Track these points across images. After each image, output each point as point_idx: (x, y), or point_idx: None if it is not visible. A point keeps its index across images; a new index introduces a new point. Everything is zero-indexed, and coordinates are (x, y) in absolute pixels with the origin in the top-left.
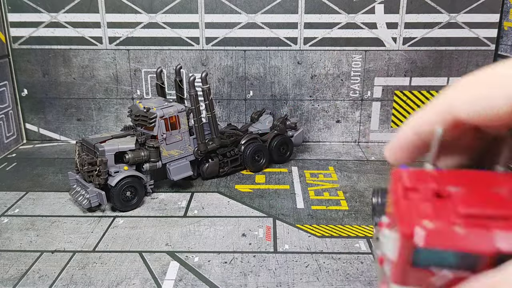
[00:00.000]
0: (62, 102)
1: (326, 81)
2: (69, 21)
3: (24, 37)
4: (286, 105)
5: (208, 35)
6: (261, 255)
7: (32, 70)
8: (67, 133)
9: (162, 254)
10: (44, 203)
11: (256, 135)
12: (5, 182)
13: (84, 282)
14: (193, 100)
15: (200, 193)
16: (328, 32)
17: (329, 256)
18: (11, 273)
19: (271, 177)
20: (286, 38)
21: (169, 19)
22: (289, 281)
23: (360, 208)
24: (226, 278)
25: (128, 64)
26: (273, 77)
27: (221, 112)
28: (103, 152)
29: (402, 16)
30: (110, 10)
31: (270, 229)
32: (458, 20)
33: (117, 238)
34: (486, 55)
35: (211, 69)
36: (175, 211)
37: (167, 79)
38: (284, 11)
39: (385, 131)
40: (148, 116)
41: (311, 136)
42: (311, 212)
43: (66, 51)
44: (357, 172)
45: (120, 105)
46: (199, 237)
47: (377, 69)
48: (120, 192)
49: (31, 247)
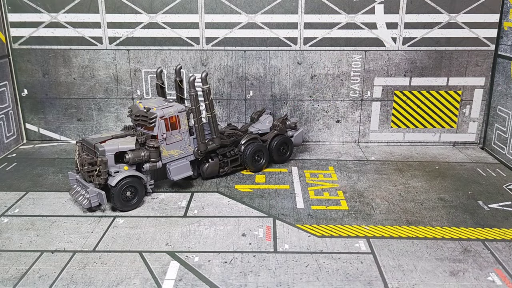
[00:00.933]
0: (62, 102)
1: (326, 81)
2: (69, 21)
3: (24, 37)
4: (286, 105)
5: (208, 35)
6: (261, 255)
7: (32, 70)
8: (67, 133)
9: (162, 254)
10: (44, 203)
11: (256, 135)
12: (5, 182)
13: (84, 282)
14: (193, 100)
15: (200, 193)
16: (328, 32)
17: (329, 256)
18: (11, 273)
19: (271, 177)
20: (286, 38)
21: (169, 19)
22: (289, 281)
23: (360, 208)
24: (226, 278)
25: (128, 64)
26: (273, 77)
27: (221, 112)
28: (103, 152)
29: (402, 16)
30: (110, 10)
31: (270, 229)
32: (458, 20)
33: (117, 238)
34: (486, 55)
35: (211, 69)
36: (175, 211)
37: (167, 79)
38: (284, 11)
39: (385, 131)
40: (148, 116)
41: (311, 136)
42: (311, 212)
43: (66, 51)
44: (357, 172)
45: (120, 105)
46: (199, 237)
47: (377, 69)
48: (120, 192)
49: (31, 247)
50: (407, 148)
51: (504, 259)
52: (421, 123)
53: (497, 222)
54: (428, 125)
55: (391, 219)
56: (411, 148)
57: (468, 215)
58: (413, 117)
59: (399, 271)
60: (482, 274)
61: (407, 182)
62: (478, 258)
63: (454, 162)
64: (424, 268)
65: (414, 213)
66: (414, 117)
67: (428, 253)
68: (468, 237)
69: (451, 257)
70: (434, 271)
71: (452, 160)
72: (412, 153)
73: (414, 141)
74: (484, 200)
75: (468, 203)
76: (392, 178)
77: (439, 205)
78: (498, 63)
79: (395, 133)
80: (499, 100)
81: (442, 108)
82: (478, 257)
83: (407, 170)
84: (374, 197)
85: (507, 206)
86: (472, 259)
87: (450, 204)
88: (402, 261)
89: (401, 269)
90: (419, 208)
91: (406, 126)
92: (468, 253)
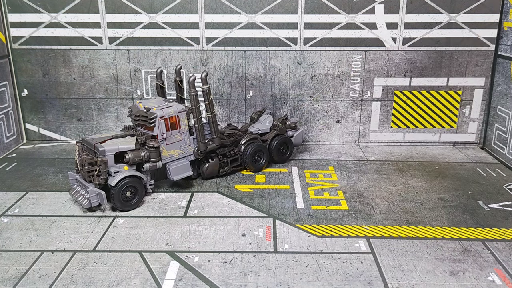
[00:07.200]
0: (62, 102)
1: (326, 81)
2: (69, 21)
3: (24, 37)
4: (286, 105)
5: (208, 35)
6: (261, 255)
7: (32, 70)
8: (67, 133)
9: (162, 254)
10: (44, 203)
11: (256, 135)
12: (5, 182)
13: (84, 282)
14: (193, 100)
15: (200, 193)
16: (328, 33)
17: (329, 256)
18: (11, 273)
19: (271, 177)
20: (286, 38)
21: (169, 19)
22: (289, 280)
23: (360, 208)
24: (226, 277)
25: (128, 64)
26: (273, 77)
27: (221, 112)
28: (103, 152)
29: (402, 16)
30: (110, 10)
31: (270, 229)
32: (458, 20)
33: (117, 238)
34: (486, 55)
35: (211, 69)
36: (175, 211)
37: (167, 79)
38: (284, 11)
39: (385, 131)
40: (148, 116)
41: (311, 136)
42: (311, 212)
43: (66, 51)
44: (357, 172)
45: (120, 105)
46: (199, 237)
47: (377, 69)
48: (120, 192)
49: (31, 247)
50: (407, 148)
51: (504, 259)
52: (421, 123)
53: (497, 222)
54: (428, 125)
55: (391, 219)
56: (411, 148)
57: (468, 215)
58: (413, 117)
59: (399, 271)
60: (482, 274)
61: (407, 182)
62: (478, 258)
63: (454, 162)
64: (424, 268)
65: (414, 213)
66: (414, 117)
67: (428, 253)
68: (468, 237)
69: (451, 257)
70: (434, 271)
71: (452, 160)
72: (412, 153)
73: (414, 141)
74: (484, 200)
75: (468, 203)
76: (392, 178)
77: (439, 205)
78: (498, 63)
79: (395, 133)
80: (499, 100)
81: (442, 108)
82: (478, 257)
83: (407, 170)
84: (374, 197)
85: (507, 206)
86: (472, 259)
87: (450, 204)
88: (402, 261)
89: (401, 269)
90: (419, 208)
91: (406, 126)
92: (468, 253)
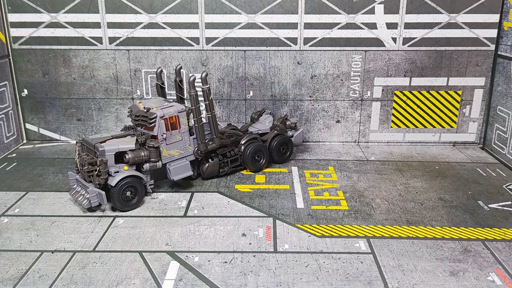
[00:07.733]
0: (62, 102)
1: (326, 81)
2: (69, 21)
3: (24, 37)
4: (286, 105)
5: (208, 35)
6: (261, 255)
7: (32, 70)
8: (67, 133)
9: (162, 254)
10: (44, 203)
11: (256, 135)
12: (5, 182)
13: (84, 282)
14: (193, 100)
15: (200, 193)
16: (328, 33)
17: (329, 256)
18: (11, 273)
19: (271, 177)
20: (286, 38)
21: (169, 19)
22: (289, 280)
23: (360, 208)
24: (226, 277)
25: (128, 64)
26: (273, 77)
27: (221, 112)
28: (103, 152)
29: (402, 16)
30: (110, 10)
31: (270, 229)
32: (458, 20)
33: (117, 238)
34: (486, 55)
35: (211, 69)
36: (175, 211)
37: (167, 79)
38: (284, 11)
39: (385, 131)
40: (148, 116)
41: (311, 136)
42: (311, 212)
43: (66, 51)
44: (357, 172)
45: (120, 105)
46: (199, 237)
47: (377, 69)
48: (120, 192)
49: (31, 247)
50: (407, 148)
51: (504, 259)
52: (421, 123)
53: (497, 222)
54: (428, 125)
55: (391, 219)
56: (411, 148)
57: (468, 215)
58: (413, 117)
59: (399, 271)
60: (482, 274)
61: (407, 182)
62: (478, 258)
63: (454, 162)
64: (424, 268)
65: (414, 213)
66: (414, 117)
67: (428, 253)
68: (468, 237)
69: (451, 257)
70: (434, 271)
71: (452, 160)
72: (412, 153)
73: (414, 141)
74: (484, 200)
75: (468, 203)
76: (392, 178)
77: (439, 205)
78: (498, 63)
79: (395, 133)
80: (499, 100)
81: (442, 108)
82: (478, 257)
83: (407, 170)
84: (374, 197)
85: (507, 206)
86: (472, 259)
87: (450, 204)
88: (402, 261)
89: (401, 269)
90: (419, 208)
91: (406, 126)
92: (468, 253)
